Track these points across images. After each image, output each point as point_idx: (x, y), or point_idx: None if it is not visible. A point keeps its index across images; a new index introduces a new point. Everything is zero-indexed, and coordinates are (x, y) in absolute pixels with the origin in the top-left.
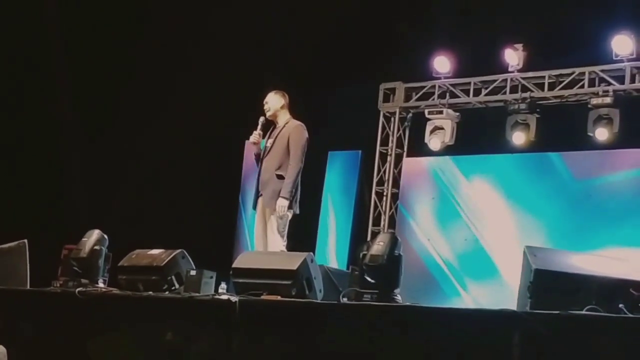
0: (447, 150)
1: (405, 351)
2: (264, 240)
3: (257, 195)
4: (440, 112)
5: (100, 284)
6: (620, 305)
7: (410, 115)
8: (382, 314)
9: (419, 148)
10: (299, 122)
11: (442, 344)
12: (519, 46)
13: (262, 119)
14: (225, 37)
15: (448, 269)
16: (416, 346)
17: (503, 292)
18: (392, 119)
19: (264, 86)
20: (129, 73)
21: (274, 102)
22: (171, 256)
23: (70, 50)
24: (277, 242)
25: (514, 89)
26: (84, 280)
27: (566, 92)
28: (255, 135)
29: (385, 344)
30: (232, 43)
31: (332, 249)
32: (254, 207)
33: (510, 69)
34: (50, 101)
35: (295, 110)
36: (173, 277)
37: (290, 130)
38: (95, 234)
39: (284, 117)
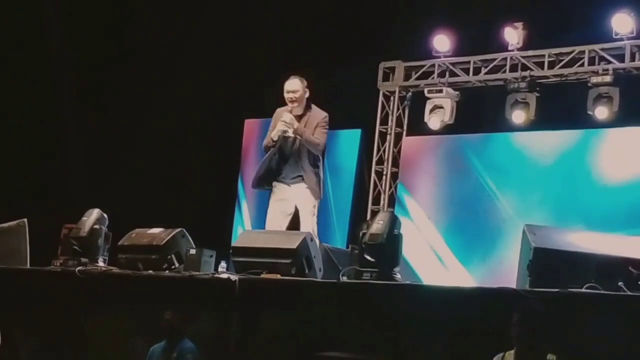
0: (447, 129)
1: (405, 329)
2: (280, 223)
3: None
4: (440, 91)
5: (100, 263)
6: (620, 283)
7: (409, 94)
8: (382, 292)
9: (418, 127)
10: (324, 116)
11: (441, 322)
12: (519, 25)
13: (289, 116)
14: (224, 16)
15: (447, 250)
16: (416, 324)
17: (504, 272)
18: (392, 98)
19: (264, 65)
20: (129, 53)
21: (299, 89)
22: (171, 235)
23: (70, 31)
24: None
25: (513, 68)
26: (84, 259)
27: (566, 71)
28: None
29: (384, 322)
30: (231, 22)
31: (332, 228)
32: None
33: (510, 48)
34: (50, 82)
35: None
36: (173, 256)
37: (316, 124)
38: (95, 213)
39: (304, 105)
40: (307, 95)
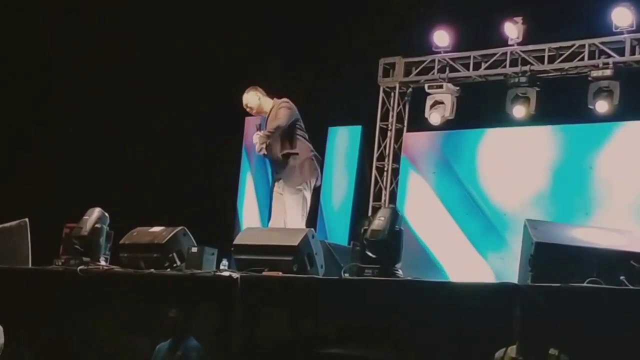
0: (448, 125)
1: (407, 325)
2: (282, 217)
3: (274, 179)
4: (440, 87)
5: (102, 262)
6: (622, 277)
7: (410, 90)
8: (384, 288)
9: (419, 123)
10: (280, 101)
11: (443, 318)
12: (519, 19)
13: (257, 123)
14: (224, 12)
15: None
16: (418, 320)
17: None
18: (392, 93)
19: (263, 62)
20: (128, 52)
21: (252, 101)
22: (172, 233)
23: (68, 35)
24: (297, 219)
25: (513, 63)
26: (85, 259)
27: (566, 65)
28: (259, 137)
29: (386, 319)
30: (231, 18)
31: (333, 225)
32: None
33: (510, 42)
34: (50, 82)
35: (295, 86)
36: (174, 255)
37: (275, 111)
38: (96, 212)
39: (268, 104)
40: (260, 99)
